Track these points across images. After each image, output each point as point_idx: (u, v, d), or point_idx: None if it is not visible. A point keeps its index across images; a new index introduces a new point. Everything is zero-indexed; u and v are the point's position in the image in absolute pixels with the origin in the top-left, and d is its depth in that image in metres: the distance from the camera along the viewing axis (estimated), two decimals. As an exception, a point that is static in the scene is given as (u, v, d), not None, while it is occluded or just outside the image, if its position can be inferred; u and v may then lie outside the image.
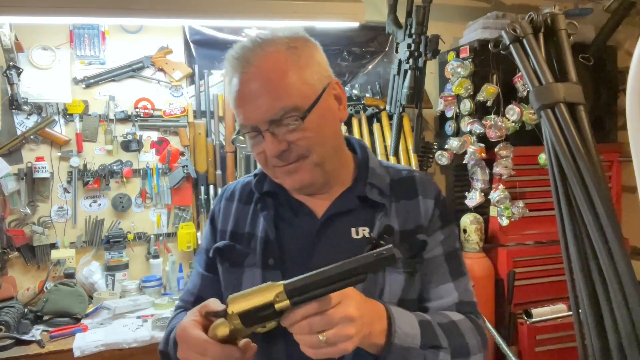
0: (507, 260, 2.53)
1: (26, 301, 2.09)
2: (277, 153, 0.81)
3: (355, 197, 0.90)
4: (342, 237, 0.87)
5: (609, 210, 1.16)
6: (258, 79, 0.81)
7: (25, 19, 1.99)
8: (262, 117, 0.80)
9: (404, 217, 0.90)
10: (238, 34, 2.57)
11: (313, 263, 0.85)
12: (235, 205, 0.97)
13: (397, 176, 0.94)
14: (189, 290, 0.99)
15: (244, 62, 0.82)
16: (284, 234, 0.89)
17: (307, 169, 0.84)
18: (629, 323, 1.09)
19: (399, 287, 0.86)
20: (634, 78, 0.78)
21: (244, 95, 0.82)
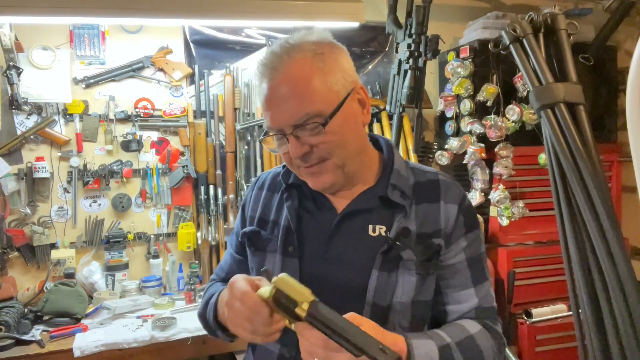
0: (507, 260, 2.53)
1: (26, 301, 2.09)
2: (299, 155, 0.86)
3: (377, 197, 0.92)
4: (359, 233, 0.91)
5: (609, 210, 1.16)
6: (285, 85, 0.85)
7: (25, 19, 1.99)
8: (287, 121, 0.85)
9: (422, 220, 0.91)
10: (238, 34, 2.58)
11: (329, 254, 0.91)
12: (265, 193, 1.03)
13: (422, 178, 0.96)
14: (222, 267, 1.11)
15: (272, 69, 0.86)
16: (305, 224, 0.95)
17: (329, 170, 0.88)
18: (629, 323, 1.09)
19: (412, 289, 0.89)
20: (634, 78, 0.78)
21: (271, 100, 0.86)
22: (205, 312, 0.99)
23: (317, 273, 0.91)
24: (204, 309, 1.00)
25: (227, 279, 0.89)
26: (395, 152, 0.98)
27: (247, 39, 2.58)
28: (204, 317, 1.00)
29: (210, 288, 1.07)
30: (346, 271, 0.90)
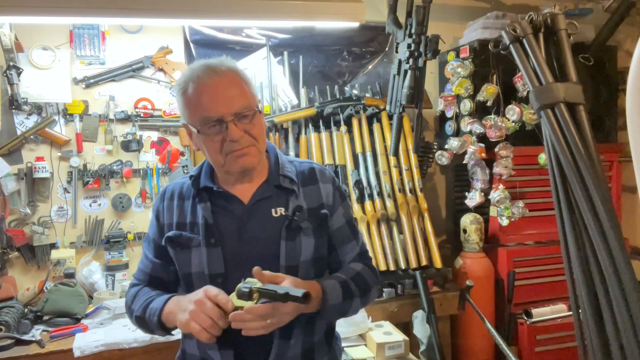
0: (507, 260, 2.53)
1: (26, 301, 2.09)
2: (238, 138, 1.08)
3: (272, 186, 1.17)
4: (265, 216, 1.15)
5: (609, 210, 1.16)
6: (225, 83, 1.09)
7: (25, 19, 1.99)
8: (229, 109, 1.08)
9: (309, 198, 1.19)
10: (238, 34, 2.58)
11: (244, 237, 1.13)
12: (176, 202, 1.21)
13: (301, 168, 1.23)
14: (143, 271, 1.25)
15: (209, 73, 1.09)
16: (220, 218, 1.15)
17: (253, 154, 1.12)
18: (629, 323, 1.09)
19: (312, 249, 1.16)
20: (634, 78, 0.78)
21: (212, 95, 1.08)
22: (144, 316, 1.15)
23: (237, 254, 1.13)
24: (142, 312, 1.16)
25: (152, 282, 1.22)
26: (278, 151, 1.24)
27: (247, 39, 2.58)
28: (143, 320, 1.16)
29: (140, 292, 1.21)
30: (260, 247, 1.13)
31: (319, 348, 1.21)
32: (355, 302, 1.15)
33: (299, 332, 1.14)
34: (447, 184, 2.97)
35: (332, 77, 2.75)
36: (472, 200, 2.51)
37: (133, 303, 1.20)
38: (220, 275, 1.12)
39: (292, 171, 1.20)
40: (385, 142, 2.53)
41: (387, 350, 1.90)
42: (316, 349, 1.20)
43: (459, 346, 2.54)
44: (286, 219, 1.14)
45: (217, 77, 1.09)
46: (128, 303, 1.23)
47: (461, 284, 2.40)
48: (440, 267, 2.37)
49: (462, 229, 2.56)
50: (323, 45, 2.72)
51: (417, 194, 2.49)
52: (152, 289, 1.22)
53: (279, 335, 1.10)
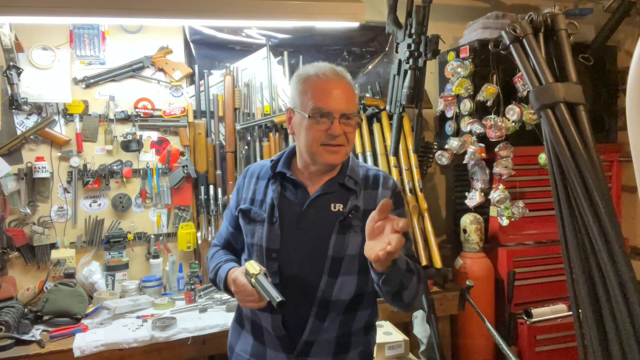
0: (507, 260, 2.53)
1: (26, 301, 2.09)
2: (339, 134, 1.22)
3: (337, 184, 1.30)
4: (324, 209, 1.27)
5: (609, 210, 1.16)
6: (342, 86, 1.25)
7: (25, 19, 1.99)
8: (339, 108, 1.23)
9: (368, 201, 1.29)
10: (238, 34, 2.58)
11: (302, 224, 1.27)
12: (254, 180, 1.37)
13: (368, 173, 1.35)
14: (221, 234, 1.48)
15: (332, 73, 1.25)
16: (285, 201, 1.29)
17: (341, 154, 1.27)
18: (629, 323, 1.09)
19: (358, 245, 1.23)
20: (634, 78, 0.78)
21: (330, 91, 1.23)
22: (216, 279, 1.36)
23: (293, 237, 1.26)
24: (214, 276, 1.37)
25: (226, 246, 1.45)
26: (352, 157, 1.36)
27: (247, 39, 2.59)
28: (215, 282, 1.38)
29: (216, 254, 1.43)
30: (314, 234, 1.25)
31: (356, 337, 1.30)
32: (413, 281, 1.19)
33: (335, 317, 1.25)
34: (447, 184, 2.97)
35: (332, 77, 2.75)
36: (472, 200, 2.51)
37: (209, 262, 1.43)
38: (275, 251, 1.26)
39: (359, 174, 1.33)
40: (385, 142, 2.53)
41: (387, 350, 1.90)
42: (353, 337, 1.29)
43: (459, 346, 2.54)
44: (342, 214, 1.25)
45: (339, 79, 1.26)
46: (207, 260, 1.47)
47: (461, 284, 2.40)
48: (440, 267, 2.37)
49: (462, 229, 2.56)
50: (323, 45, 2.72)
51: (417, 194, 2.49)
52: (225, 252, 1.43)
53: (315, 314, 1.23)
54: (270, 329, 1.26)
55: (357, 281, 1.26)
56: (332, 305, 1.24)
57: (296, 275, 1.24)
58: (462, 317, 2.46)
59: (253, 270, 1.16)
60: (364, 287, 1.28)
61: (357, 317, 1.30)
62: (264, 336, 1.30)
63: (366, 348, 1.35)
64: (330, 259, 1.23)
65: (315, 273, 1.23)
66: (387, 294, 1.17)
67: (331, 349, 1.26)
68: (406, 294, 1.18)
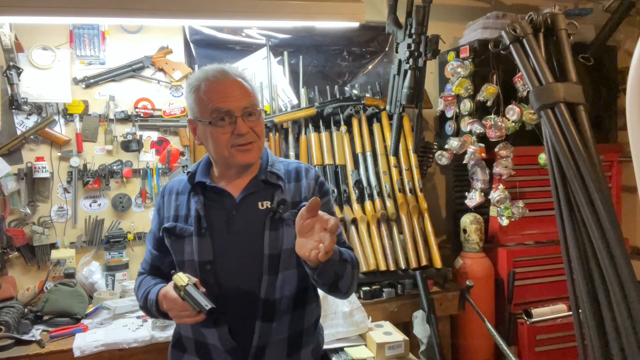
0: (507, 260, 2.53)
1: (26, 301, 2.09)
2: (245, 132, 1.20)
3: (260, 181, 1.27)
4: (252, 209, 1.25)
5: (609, 210, 1.16)
6: (235, 82, 1.22)
7: (25, 19, 1.99)
8: (239, 104, 1.20)
9: (294, 193, 1.28)
10: (238, 34, 2.58)
11: (232, 228, 1.23)
12: (174, 197, 1.33)
13: (289, 167, 1.33)
14: (146, 261, 1.39)
15: (221, 73, 1.22)
16: (211, 210, 1.26)
17: (255, 150, 1.24)
18: (629, 323, 1.09)
19: (292, 238, 1.17)
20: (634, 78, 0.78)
21: (224, 90, 1.20)
22: (147, 305, 1.29)
23: (225, 242, 1.23)
24: (144, 302, 1.30)
25: (152, 271, 1.37)
26: (269, 151, 1.35)
27: (247, 39, 2.58)
28: (147, 309, 1.30)
29: (143, 282, 1.36)
30: (246, 236, 1.22)
31: (307, 335, 1.29)
32: (348, 269, 1.20)
33: (282, 316, 1.23)
34: (447, 184, 2.97)
35: (332, 77, 2.75)
36: (472, 200, 2.51)
37: (137, 291, 1.35)
38: (209, 263, 1.22)
39: (280, 169, 1.31)
40: (385, 142, 2.53)
41: (387, 350, 1.90)
42: (305, 335, 1.28)
43: (459, 346, 2.54)
44: (270, 211, 1.24)
45: (229, 77, 1.23)
46: (135, 291, 1.38)
47: (461, 284, 2.40)
48: (440, 267, 2.37)
49: (462, 229, 2.56)
50: (323, 45, 2.72)
51: (417, 194, 2.49)
52: (152, 277, 1.35)
53: (262, 316, 1.20)
54: (218, 344, 1.21)
55: (297, 275, 1.25)
56: (277, 304, 1.21)
57: (235, 281, 1.21)
58: (462, 317, 2.46)
59: (181, 282, 1.12)
60: (306, 281, 1.26)
61: (305, 313, 1.29)
62: (211, 354, 1.24)
63: (317, 345, 1.34)
64: (268, 256, 1.21)
65: (255, 275, 1.20)
66: (324, 286, 1.18)
67: (284, 350, 1.24)
68: (342, 284, 1.18)
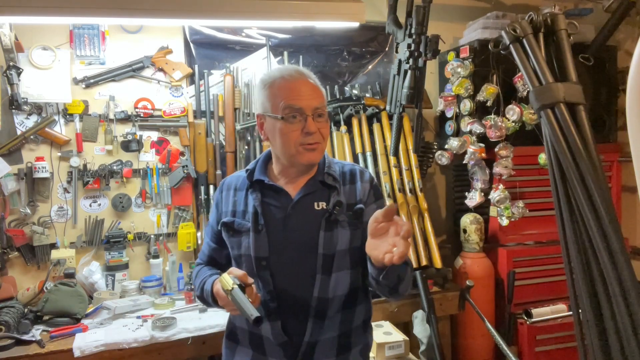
0: (507, 260, 2.53)
1: (26, 301, 2.09)
2: (314, 131, 1.23)
3: (318, 182, 1.30)
4: (308, 209, 1.28)
5: (610, 210, 1.16)
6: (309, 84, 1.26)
7: (25, 19, 1.99)
8: (311, 104, 1.23)
9: (349, 195, 1.31)
10: (238, 34, 2.58)
11: (288, 227, 1.26)
12: (232, 193, 1.37)
13: (344, 169, 1.36)
14: (204, 253, 1.45)
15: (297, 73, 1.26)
16: (268, 208, 1.29)
17: (319, 151, 1.27)
18: (629, 323, 1.09)
19: (347, 239, 1.26)
20: (634, 78, 0.78)
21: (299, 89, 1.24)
22: (203, 296, 1.32)
23: (281, 240, 1.26)
24: (201, 292, 1.33)
25: (209, 263, 1.42)
26: (326, 152, 1.36)
27: (247, 39, 2.59)
28: (203, 299, 1.33)
29: (200, 272, 1.40)
30: (302, 235, 1.25)
31: (356, 334, 1.32)
32: (408, 272, 1.23)
33: (334, 315, 1.27)
34: (447, 184, 2.97)
35: (332, 77, 2.75)
36: (472, 200, 2.51)
37: (194, 281, 1.40)
38: (264, 259, 1.25)
39: (337, 170, 1.34)
40: (385, 142, 2.53)
41: (387, 350, 1.90)
42: (354, 334, 1.31)
43: (459, 346, 2.54)
44: (326, 212, 1.26)
45: (305, 78, 1.26)
46: (192, 280, 1.44)
47: (461, 284, 2.40)
48: (440, 267, 2.37)
49: (462, 229, 2.56)
50: (323, 45, 2.72)
51: (417, 194, 2.49)
52: (209, 268, 1.40)
53: (314, 314, 1.24)
54: (271, 337, 1.25)
55: (350, 276, 1.28)
56: (330, 303, 1.25)
57: (289, 278, 1.25)
58: (462, 317, 2.46)
59: (227, 285, 1.14)
60: (358, 282, 1.31)
61: (355, 313, 1.31)
62: (264, 346, 1.28)
63: (366, 345, 1.36)
64: (322, 256, 1.24)
65: (309, 273, 1.24)
66: (385, 287, 1.19)
67: (334, 349, 1.27)
68: (402, 287, 1.21)
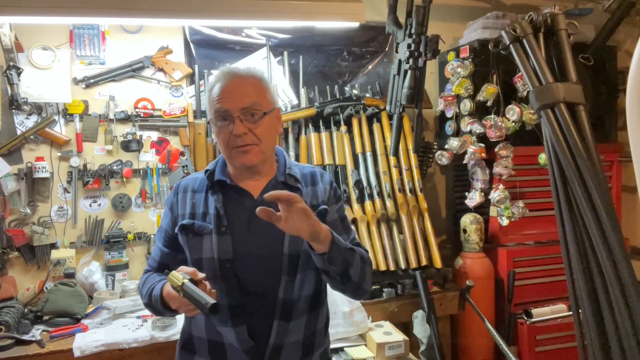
0: (507, 260, 2.53)
1: (26, 301, 2.09)
2: (241, 133, 1.18)
3: (280, 183, 1.29)
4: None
5: (609, 210, 1.16)
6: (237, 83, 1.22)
7: (25, 19, 1.99)
8: (236, 105, 1.19)
9: (311, 197, 1.30)
10: (238, 34, 2.58)
11: (253, 228, 1.23)
12: (189, 195, 1.32)
13: (304, 171, 1.35)
14: (154, 259, 1.37)
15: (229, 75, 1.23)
16: (230, 209, 1.26)
17: (255, 152, 1.22)
18: (629, 323, 1.09)
19: None
20: (634, 78, 0.78)
21: (224, 92, 1.21)
22: (151, 302, 1.26)
23: (245, 241, 1.23)
24: (149, 299, 1.26)
25: (160, 269, 1.33)
26: (286, 155, 1.37)
27: (247, 39, 2.58)
28: (151, 306, 1.27)
29: (148, 279, 1.33)
30: (266, 236, 1.22)
31: (319, 336, 1.30)
32: (356, 258, 1.20)
33: (299, 317, 1.24)
34: (447, 184, 2.97)
35: (332, 77, 2.75)
36: (472, 200, 2.51)
37: (142, 288, 1.33)
38: (228, 261, 1.21)
39: (297, 172, 1.33)
40: (385, 142, 2.53)
41: (387, 350, 1.90)
42: (317, 337, 1.30)
43: (459, 346, 2.54)
44: None
45: (236, 78, 1.23)
46: (139, 288, 1.35)
47: (461, 284, 2.40)
48: (440, 267, 2.37)
49: (462, 229, 2.56)
50: (323, 45, 2.72)
51: (417, 194, 2.49)
52: (158, 274, 1.32)
53: (279, 316, 1.21)
54: (236, 344, 1.20)
55: (315, 276, 1.26)
56: (296, 304, 1.23)
57: (254, 280, 1.22)
58: (462, 317, 2.46)
59: (177, 282, 1.09)
60: (322, 283, 1.30)
61: (319, 315, 1.30)
62: (226, 354, 1.23)
63: (326, 348, 1.35)
64: (287, 257, 1.22)
65: (274, 274, 1.21)
66: (336, 277, 1.16)
67: (299, 352, 1.25)
68: (353, 272, 1.17)
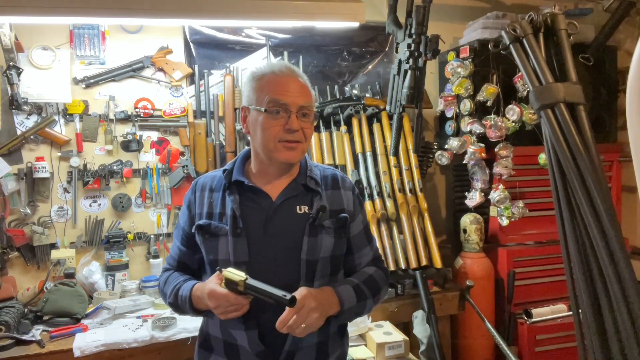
0: (507, 260, 2.53)
1: (26, 301, 2.09)
2: (296, 128, 1.19)
3: (300, 185, 1.26)
4: (290, 213, 1.24)
5: (609, 210, 1.16)
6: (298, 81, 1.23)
7: (25, 19, 1.99)
8: (296, 101, 1.20)
9: (332, 201, 1.28)
10: (238, 34, 2.58)
11: (270, 231, 1.21)
12: (207, 194, 1.30)
13: (325, 173, 1.33)
14: (173, 257, 1.37)
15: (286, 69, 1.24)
16: (247, 210, 1.23)
17: (299, 150, 1.22)
18: (629, 323, 1.09)
19: (330, 247, 1.23)
20: (634, 78, 0.78)
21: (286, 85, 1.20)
22: (177, 302, 1.26)
23: (261, 245, 1.21)
24: (174, 299, 1.27)
25: (180, 268, 1.34)
26: (307, 156, 1.34)
27: (247, 39, 2.59)
28: (177, 306, 1.28)
29: (170, 278, 1.33)
30: (284, 240, 1.21)
31: (333, 341, 1.29)
32: (369, 303, 1.25)
33: None
34: (447, 184, 2.97)
35: (332, 77, 2.75)
36: (472, 200, 2.51)
37: (165, 287, 1.32)
38: (244, 263, 1.19)
39: (317, 175, 1.30)
40: (385, 142, 2.53)
41: (387, 350, 1.90)
42: (330, 341, 1.28)
43: (459, 346, 2.54)
44: (310, 216, 1.22)
45: (294, 76, 1.23)
46: (161, 287, 1.35)
47: (461, 284, 2.40)
48: (440, 267, 2.37)
49: (462, 229, 2.56)
50: (323, 45, 2.72)
51: (417, 194, 2.49)
52: (180, 274, 1.33)
53: None
54: (247, 347, 1.19)
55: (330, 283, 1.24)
56: None
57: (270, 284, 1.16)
58: (462, 317, 2.46)
59: (238, 277, 1.09)
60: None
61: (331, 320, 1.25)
62: (240, 356, 1.22)
63: (342, 352, 1.33)
64: (305, 262, 1.19)
65: (290, 280, 1.18)
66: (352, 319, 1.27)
67: (313, 357, 1.23)
68: (366, 311, 1.26)
